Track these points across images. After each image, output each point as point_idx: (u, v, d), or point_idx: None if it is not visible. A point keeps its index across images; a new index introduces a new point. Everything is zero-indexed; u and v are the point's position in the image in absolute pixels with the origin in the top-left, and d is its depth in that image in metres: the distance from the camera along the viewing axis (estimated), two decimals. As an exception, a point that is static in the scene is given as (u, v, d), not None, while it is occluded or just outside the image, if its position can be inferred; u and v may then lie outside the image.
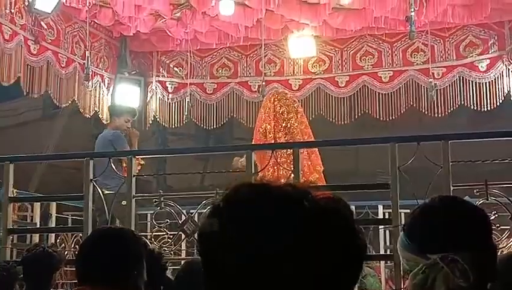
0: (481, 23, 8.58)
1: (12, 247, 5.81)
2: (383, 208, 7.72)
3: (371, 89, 9.07)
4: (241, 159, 6.07)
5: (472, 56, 8.75)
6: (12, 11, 7.34)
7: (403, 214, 4.69)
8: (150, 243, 5.34)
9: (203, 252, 1.06)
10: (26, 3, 7.29)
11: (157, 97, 9.78)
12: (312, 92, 9.30)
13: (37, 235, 7.34)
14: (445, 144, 4.58)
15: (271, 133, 6.64)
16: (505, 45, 8.58)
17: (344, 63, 9.31)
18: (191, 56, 9.50)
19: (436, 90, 8.48)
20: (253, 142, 6.68)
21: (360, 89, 9.12)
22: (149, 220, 7.31)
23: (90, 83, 8.60)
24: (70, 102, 8.55)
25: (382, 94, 9.01)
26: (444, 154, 4.54)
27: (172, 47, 9.57)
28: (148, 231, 7.34)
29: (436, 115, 8.67)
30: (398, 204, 4.59)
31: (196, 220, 5.06)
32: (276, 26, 8.82)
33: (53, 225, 7.90)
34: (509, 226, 4.49)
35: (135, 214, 5.26)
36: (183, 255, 7.47)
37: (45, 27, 7.92)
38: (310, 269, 0.99)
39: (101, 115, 9.06)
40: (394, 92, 8.97)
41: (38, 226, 7.71)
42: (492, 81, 8.55)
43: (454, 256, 1.62)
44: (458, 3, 8.15)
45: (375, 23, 8.53)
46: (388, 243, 7.86)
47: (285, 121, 6.78)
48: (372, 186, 5.49)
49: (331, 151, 7.90)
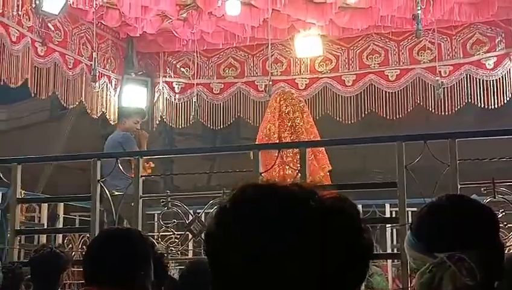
0: (488, 21, 8.55)
1: (20, 248, 5.84)
2: (390, 207, 7.71)
3: (377, 87, 9.04)
4: None
5: (479, 54, 8.72)
6: (20, 13, 7.35)
7: (410, 212, 4.68)
8: (157, 243, 5.36)
9: (210, 252, 1.06)
10: (33, 5, 7.30)
11: (164, 97, 9.79)
12: (319, 91, 9.29)
13: (45, 236, 7.37)
14: (452, 142, 4.57)
15: (275, 133, 6.63)
16: (512, 42, 8.56)
17: (351, 62, 9.29)
18: (197, 56, 9.50)
19: (443, 88, 8.45)
20: (257, 142, 6.68)
21: (366, 87, 9.10)
22: (156, 220, 7.32)
23: (97, 84, 8.63)
24: (77, 103, 8.57)
25: (389, 93, 8.98)
26: (451, 153, 4.53)
27: (178, 47, 9.58)
28: (156, 231, 7.36)
29: (443, 113, 8.64)
30: (405, 203, 4.58)
31: (203, 220, 5.07)
32: (283, 25, 8.82)
33: (60, 226, 7.92)
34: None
35: (143, 214, 5.27)
36: (190, 255, 7.47)
37: (52, 29, 7.94)
38: (314, 268, 1.00)
39: (108, 116, 9.08)
40: (401, 90, 8.94)
41: (45, 227, 7.72)
42: (499, 78, 8.51)
43: (461, 255, 1.61)
44: (465, 1, 8.12)
45: (382, 22, 8.52)
46: (395, 242, 7.85)
47: (290, 121, 6.78)
48: (379, 185, 5.48)
49: (338, 151, 7.89)
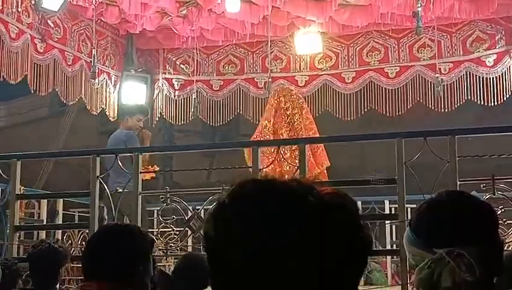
0: (488, 18, 8.54)
1: (19, 244, 5.84)
2: (390, 203, 7.72)
3: (377, 84, 9.04)
4: None
5: (479, 51, 8.71)
6: (19, 9, 7.35)
7: (409, 209, 4.68)
8: (156, 239, 5.36)
9: (209, 248, 1.06)
10: (32, 2, 7.30)
11: (164, 94, 9.78)
12: (318, 89, 9.28)
13: (44, 232, 7.38)
14: (452, 139, 4.57)
15: (270, 130, 6.64)
16: (512, 39, 8.55)
17: (350, 59, 9.28)
18: (197, 53, 9.49)
19: (443, 85, 8.45)
20: (251, 139, 6.70)
21: (366, 85, 9.09)
22: (155, 216, 7.32)
23: (96, 80, 8.62)
24: (77, 100, 8.58)
25: (389, 90, 8.98)
26: (450, 149, 4.54)
27: (178, 44, 9.57)
28: (155, 227, 7.36)
29: (442, 110, 8.64)
30: (405, 199, 4.59)
31: (202, 216, 5.07)
32: (282, 22, 8.81)
33: (60, 222, 7.92)
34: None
35: (145, 210, 5.26)
36: (190, 251, 7.47)
37: (52, 25, 7.93)
38: (314, 264, 0.99)
39: (107, 113, 9.08)
40: (401, 87, 8.94)
41: (45, 223, 7.73)
42: (499, 76, 8.51)
43: (461, 251, 1.61)
44: (465, -1, 8.13)
45: (382, 19, 8.50)
46: (394, 238, 7.86)
47: (289, 117, 6.78)
48: (380, 182, 5.47)
49: (337, 147, 7.89)
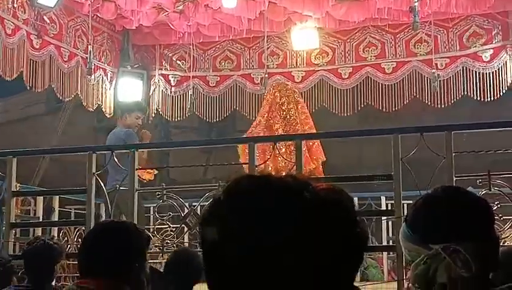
0: (485, 13, 8.54)
1: (15, 241, 5.83)
2: (386, 199, 7.71)
3: (374, 80, 9.04)
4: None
5: (476, 46, 8.71)
6: (15, 5, 7.33)
7: (405, 205, 4.68)
8: (152, 236, 5.36)
9: (205, 244, 1.06)
10: (28, -2, 7.29)
11: (160, 90, 9.77)
12: (315, 84, 9.28)
13: (40, 229, 7.36)
14: (448, 134, 4.57)
15: (263, 126, 6.64)
16: (509, 34, 8.54)
17: (347, 55, 9.28)
18: (193, 49, 9.47)
19: (440, 80, 8.45)
20: (246, 135, 6.70)
21: (363, 80, 9.09)
22: (152, 213, 7.31)
23: (92, 76, 8.60)
24: (73, 96, 8.56)
25: (385, 85, 8.98)
26: (447, 145, 4.53)
27: (174, 40, 9.55)
28: (151, 224, 7.35)
29: (439, 105, 8.65)
30: (401, 195, 4.58)
31: (199, 213, 5.06)
32: (279, 18, 8.80)
33: (56, 219, 7.90)
34: (511, 217, 4.49)
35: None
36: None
37: (48, 21, 7.91)
38: (310, 260, 0.99)
39: (104, 109, 9.07)
40: (397, 83, 8.94)
41: (41, 220, 7.71)
42: (496, 71, 8.51)
43: (456, 246, 1.61)
44: (461, -7, 8.12)
45: (378, 14, 8.50)
46: (391, 234, 7.86)
47: (284, 112, 6.78)
48: (376, 177, 5.47)
49: (334, 143, 7.89)
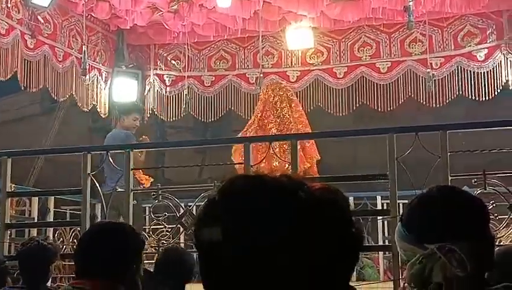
0: (479, 13, 8.55)
1: (10, 242, 5.81)
2: (382, 199, 7.72)
3: (369, 80, 9.04)
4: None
5: (470, 46, 8.72)
6: (9, 5, 7.31)
7: (401, 204, 4.68)
8: (148, 236, 5.35)
9: (200, 245, 1.06)
10: (22, -3, 7.27)
11: (155, 90, 9.75)
12: (310, 84, 9.27)
13: (35, 230, 7.34)
14: (444, 134, 4.57)
15: (256, 126, 6.65)
16: (503, 34, 8.54)
17: (342, 54, 9.28)
18: (188, 49, 9.46)
19: (434, 80, 8.46)
20: (240, 135, 6.71)
21: (358, 80, 9.09)
22: (147, 213, 7.30)
23: (87, 77, 8.57)
24: (68, 96, 8.54)
25: (380, 85, 8.98)
26: (442, 145, 4.54)
27: (169, 40, 9.53)
28: (147, 224, 7.35)
29: (434, 105, 8.65)
30: (397, 195, 4.58)
31: (194, 213, 5.05)
32: (274, 17, 8.80)
33: (51, 220, 7.88)
34: (507, 216, 4.49)
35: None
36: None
37: (42, 21, 7.89)
38: (305, 260, 0.99)
39: (99, 109, 9.06)
40: (392, 82, 8.94)
41: (36, 220, 7.69)
42: (490, 70, 8.52)
43: (452, 246, 1.61)
44: (456, -7, 8.13)
45: (373, 14, 8.51)
46: (386, 234, 7.86)
47: (278, 111, 6.78)
48: (370, 177, 5.47)
49: (329, 143, 7.90)
